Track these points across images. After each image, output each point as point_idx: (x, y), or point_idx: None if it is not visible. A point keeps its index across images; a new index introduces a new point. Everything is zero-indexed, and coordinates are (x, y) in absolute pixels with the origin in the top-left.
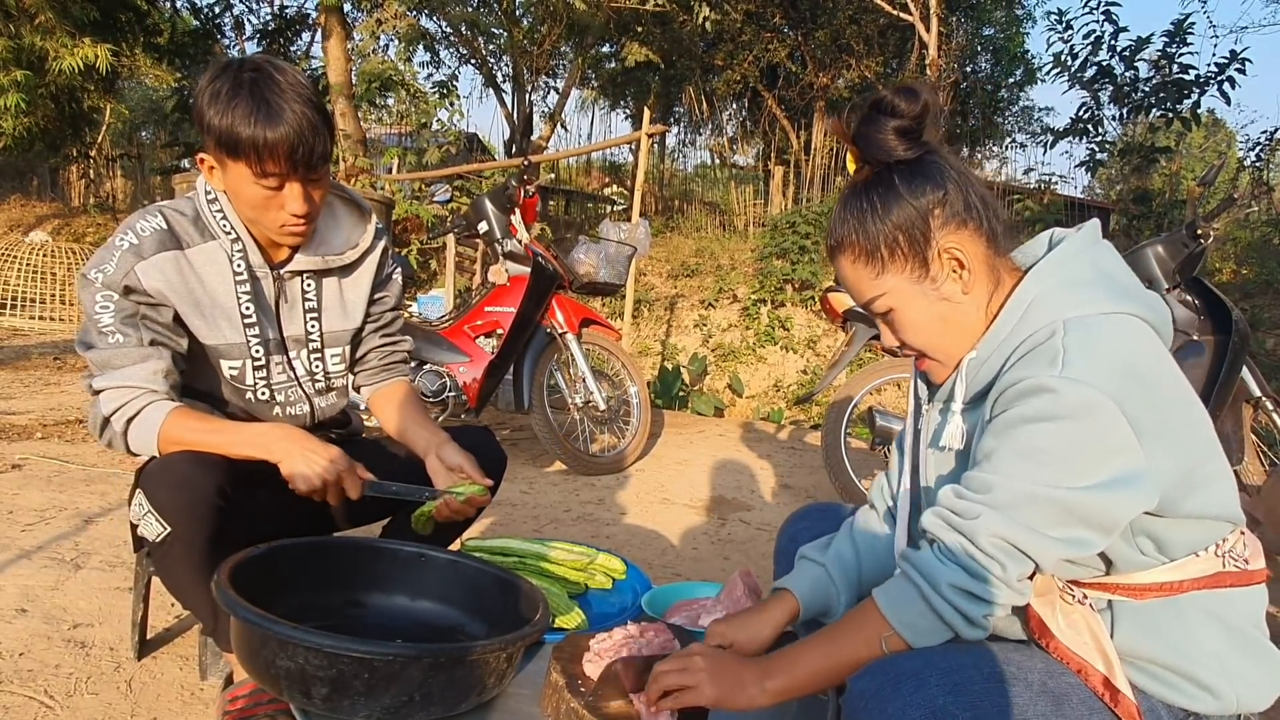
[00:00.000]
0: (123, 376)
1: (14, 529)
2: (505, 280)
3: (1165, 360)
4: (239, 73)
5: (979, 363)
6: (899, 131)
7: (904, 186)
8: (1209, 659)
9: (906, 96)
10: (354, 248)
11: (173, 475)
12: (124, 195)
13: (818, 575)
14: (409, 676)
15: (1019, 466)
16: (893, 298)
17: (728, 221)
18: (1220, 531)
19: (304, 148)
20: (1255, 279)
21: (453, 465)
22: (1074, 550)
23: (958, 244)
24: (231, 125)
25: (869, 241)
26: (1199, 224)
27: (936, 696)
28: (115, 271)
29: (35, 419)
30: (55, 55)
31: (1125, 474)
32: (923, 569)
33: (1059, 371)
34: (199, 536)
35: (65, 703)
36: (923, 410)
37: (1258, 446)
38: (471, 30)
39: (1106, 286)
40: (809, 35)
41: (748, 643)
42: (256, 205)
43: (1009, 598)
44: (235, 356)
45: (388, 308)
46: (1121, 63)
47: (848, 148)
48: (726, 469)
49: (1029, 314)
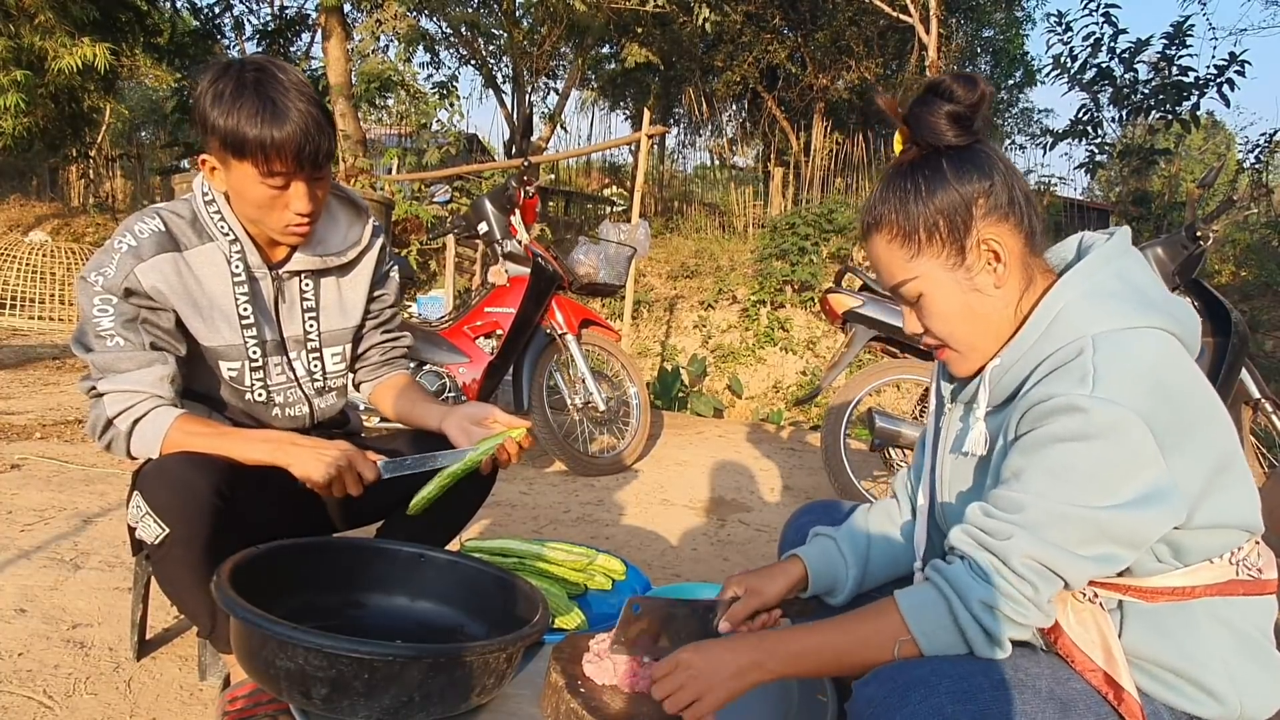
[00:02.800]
0: (129, 380)
1: (13, 529)
2: (505, 281)
3: (1191, 373)
4: (242, 73)
5: (1003, 370)
6: (952, 117)
7: (952, 172)
8: (1216, 664)
9: (965, 84)
10: (352, 246)
11: (170, 476)
12: (124, 195)
13: (827, 546)
14: (409, 677)
15: (1049, 486)
16: (924, 282)
17: (727, 223)
18: (1237, 540)
19: (310, 146)
20: (1254, 281)
21: (478, 419)
22: (1104, 568)
23: (997, 236)
24: (237, 125)
25: (909, 222)
26: (1198, 226)
27: (945, 704)
28: (115, 274)
29: (34, 419)
30: (54, 55)
31: (1155, 491)
32: (955, 582)
33: (1090, 390)
34: (197, 538)
35: (64, 703)
36: (945, 410)
37: (1257, 448)
38: (471, 31)
39: (1135, 299)
40: (809, 37)
41: (760, 591)
42: (261, 205)
43: (1037, 619)
44: (233, 358)
45: (387, 305)
46: (1121, 65)
47: (899, 126)
48: (726, 470)
49: (1056, 324)
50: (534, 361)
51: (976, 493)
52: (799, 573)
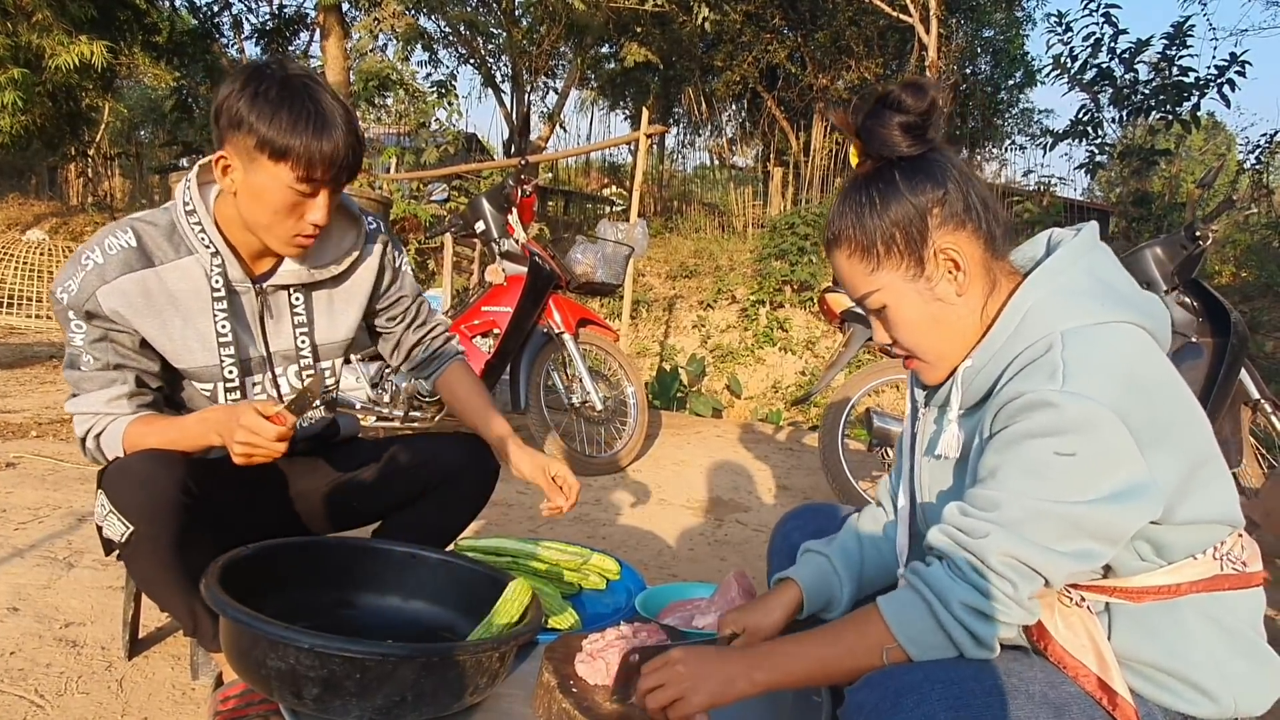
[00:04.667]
0: (87, 402)
1: (7, 527)
2: (502, 280)
3: (1164, 367)
4: (287, 78)
5: (975, 371)
6: (904, 127)
7: (905, 183)
8: (1207, 662)
9: (914, 92)
10: (345, 256)
11: (132, 474)
12: (122, 194)
13: (820, 564)
14: (401, 677)
15: (1024, 483)
16: (886, 295)
17: (726, 222)
18: (1219, 535)
19: (350, 160)
20: (1255, 281)
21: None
22: (1082, 564)
23: (954, 245)
24: (285, 126)
25: (865, 237)
26: (1198, 226)
27: (938, 712)
28: (78, 294)
29: (30, 417)
30: (52, 53)
31: (1131, 486)
32: (934, 585)
33: (1060, 386)
34: (164, 534)
35: (56, 702)
36: (919, 414)
37: (1256, 449)
38: (470, 30)
39: (1103, 294)
40: (809, 36)
41: (759, 628)
42: (279, 210)
43: (1019, 616)
44: (206, 379)
45: (409, 303)
46: (1121, 65)
47: (851, 140)
48: (724, 470)
49: (1025, 323)
50: (531, 361)
51: (956, 493)
52: (795, 599)
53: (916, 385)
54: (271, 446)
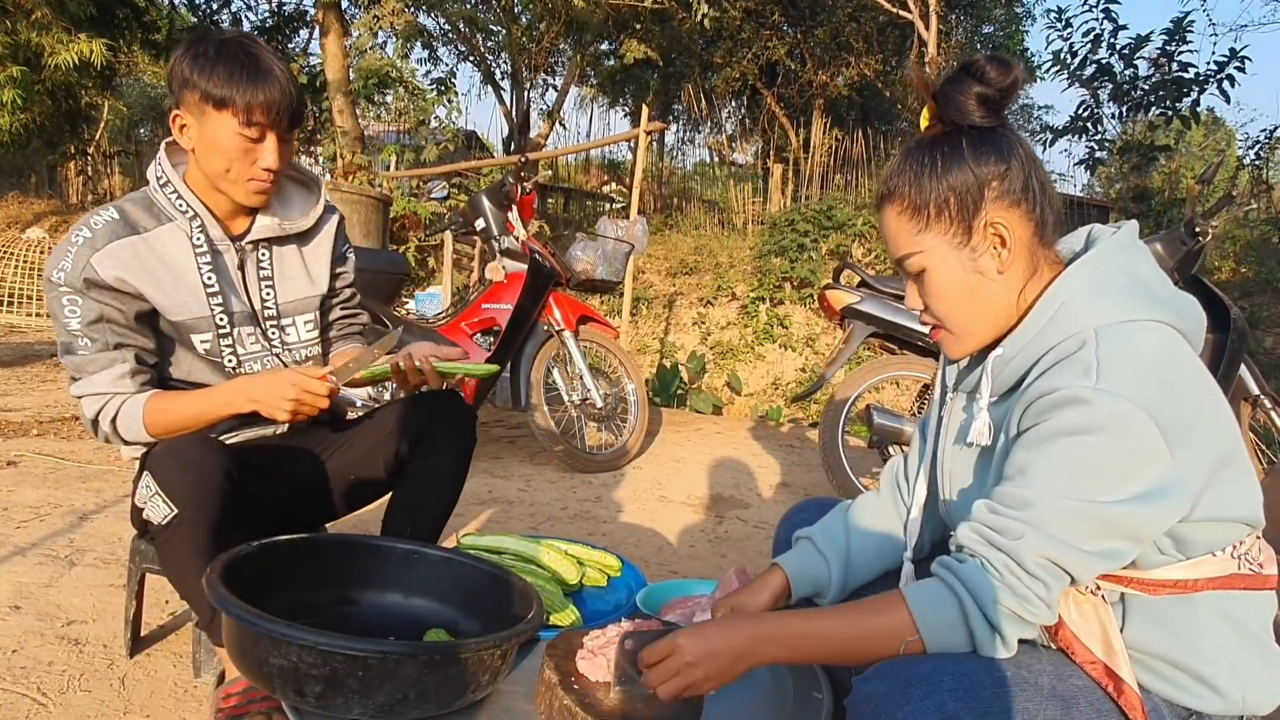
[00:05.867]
0: (95, 383)
1: (9, 526)
2: (502, 277)
3: (1195, 367)
4: (224, 39)
5: (1005, 360)
6: (981, 98)
7: (970, 151)
8: (1218, 658)
9: (999, 66)
10: (312, 210)
11: (180, 457)
12: (122, 192)
13: (804, 548)
14: (403, 674)
15: (1055, 481)
16: (928, 258)
17: (726, 219)
18: (1239, 534)
19: (288, 103)
20: (1254, 278)
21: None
22: (1110, 563)
23: (1005, 221)
24: (224, 78)
25: (920, 196)
26: (1198, 222)
27: (947, 702)
28: (73, 268)
29: (31, 415)
30: (51, 51)
31: (1161, 485)
32: (968, 582)
33: (1093, 383)
34: (205, 519)
35: (58, 700)
36: (947, 399)
37: (1255, 445)
38: (470, 27)
39: (1139, 293)
40: (808, 33)
41: (744, 609)
42: (233, 156)
43: (1045, 617)
44: (203, 330)
45: (347, 283)
46: (1121, 61)
47: (927, 102)
48: (724, 467)
49: (1059, 316)
50: (532, 358)
51: (979, 484)
52: (781, 582)
53: (947, 366)
54: (320, 401)
